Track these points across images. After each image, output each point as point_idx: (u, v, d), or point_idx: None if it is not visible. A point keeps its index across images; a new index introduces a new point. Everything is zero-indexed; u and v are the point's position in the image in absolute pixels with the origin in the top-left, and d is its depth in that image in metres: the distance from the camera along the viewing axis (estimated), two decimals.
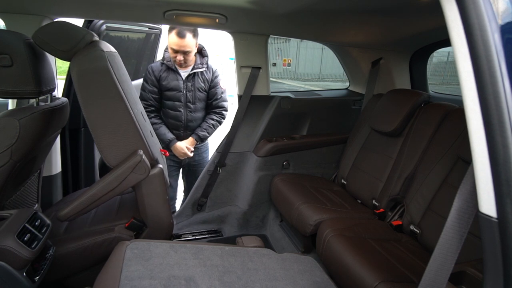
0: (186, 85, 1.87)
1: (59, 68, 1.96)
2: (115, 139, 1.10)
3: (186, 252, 0.98)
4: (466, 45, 0.52)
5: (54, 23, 1.17)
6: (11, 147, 0.98)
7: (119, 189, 1.12)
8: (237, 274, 0.92)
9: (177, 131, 1.92)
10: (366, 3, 1.29)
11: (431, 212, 1.28)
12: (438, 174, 1.32)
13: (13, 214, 0.94)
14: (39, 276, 0.93)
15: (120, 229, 1.22)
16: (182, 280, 0.85)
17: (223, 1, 1.31)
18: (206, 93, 1.94)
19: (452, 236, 0.59)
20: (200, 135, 1.93)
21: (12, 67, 1.00)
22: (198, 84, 1.90)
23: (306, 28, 1.71)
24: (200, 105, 1.93)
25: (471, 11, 0.50)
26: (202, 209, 2.00)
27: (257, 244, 1.15)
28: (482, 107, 0.51)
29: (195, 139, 1.94)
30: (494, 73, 0.50)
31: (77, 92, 1.06)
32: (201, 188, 1.97)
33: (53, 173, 1.60)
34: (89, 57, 1.07)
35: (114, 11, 1.46)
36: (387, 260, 1.15)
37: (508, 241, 0.50)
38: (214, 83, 1.94)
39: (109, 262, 0.90)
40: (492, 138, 0.50)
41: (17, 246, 0.84)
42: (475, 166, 0.53)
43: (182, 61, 1.80)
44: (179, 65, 1.84)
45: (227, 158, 1.95)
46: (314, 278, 0.98)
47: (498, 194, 0.50)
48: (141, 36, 2.39)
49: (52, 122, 1.18)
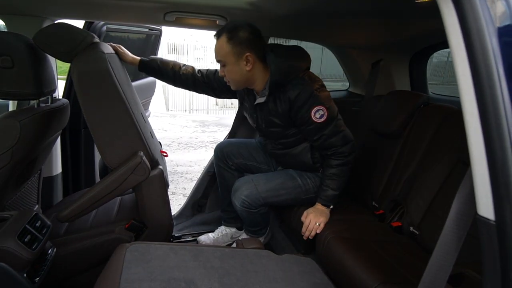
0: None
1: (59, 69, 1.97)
2: (115, 140, 1.11)
3: (185, 254, 0.98)
4: (464, 48, 0.52)
5: (55, 24, 1.17)
6: (11, 148, 0.98)
7: (119, 190, 1.12)
8: (236, 276, 0.92)
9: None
10: (365, 5, 1.30)
11: (431, 214, 1.29)
12: (437, 175, 1.32)
13: (13, 215, 0.94)
14: (39, 277, 0.93)
15: (120, 230, 1.22)
16: (182, 283, 0.85)
17: (223, 3, 1.32)
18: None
19: (451, 238, 0.59)
20: None
21: (13, 68, 1.01)
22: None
23: (306, 29, 1.71)
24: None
25: (469, 15, 0.51)
26: (202, 210, 2.00)
27: (257, 246, 1.15)
28: (480, 110, 0.51)
29: None
30: (491, 76, 0.50)
31: (78, 94, 1.07)
32: (201, 189, 1.97)
33: (53, 174, 1.60)
34: (89, 58, 1.08)
35: (115, 12, 1.46)
36: (387, 261, 1.15)
37: (506, 244, 0.50)
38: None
39: (109, 264, 0.90)
40: (490, 141, 0.51)
41: (17, 247, 0.84)
42: (473, 169, 0.53)
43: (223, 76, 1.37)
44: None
45: None
46: (314, 280, 0.98)
47: (496, 196, 0.50)
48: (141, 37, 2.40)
49: (52, 123, 1.19)
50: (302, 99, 1.30)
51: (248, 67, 1.30)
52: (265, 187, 1.45)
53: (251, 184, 1.44)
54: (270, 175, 1.53)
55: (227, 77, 1.34)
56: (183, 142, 5.10)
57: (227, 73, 1.33)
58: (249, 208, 1.45)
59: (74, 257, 1.17)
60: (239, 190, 1.45)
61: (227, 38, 1.26)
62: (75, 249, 1.17)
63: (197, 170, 3.71)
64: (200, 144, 5.06)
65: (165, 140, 4.97)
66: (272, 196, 1.45)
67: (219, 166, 1.68)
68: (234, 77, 1.33)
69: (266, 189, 1.44)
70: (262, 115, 1.43)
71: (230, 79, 1.35)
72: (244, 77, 1.34)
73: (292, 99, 1.31)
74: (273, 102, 1.36)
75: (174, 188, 3.20)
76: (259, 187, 1.44)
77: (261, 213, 1.50)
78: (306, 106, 1.30)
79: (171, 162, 3.92)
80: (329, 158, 1.39)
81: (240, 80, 1.35)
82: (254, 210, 1.46)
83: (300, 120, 1.34)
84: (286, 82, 1.32)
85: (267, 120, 1.42)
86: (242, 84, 1.38)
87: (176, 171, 3.71)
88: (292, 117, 1.35)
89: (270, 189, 1.45)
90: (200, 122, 6.69)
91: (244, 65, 1.29)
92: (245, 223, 1.59)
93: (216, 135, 5.70)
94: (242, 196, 1.43)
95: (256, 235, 1.62)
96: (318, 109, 1.30)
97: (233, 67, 1.30)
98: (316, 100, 1.30)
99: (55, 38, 1.09)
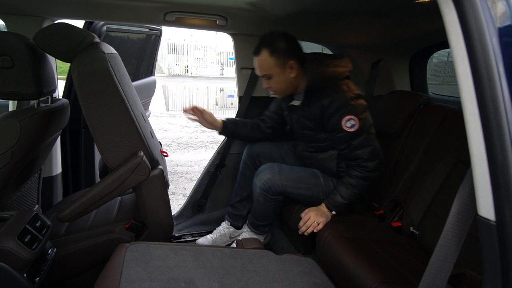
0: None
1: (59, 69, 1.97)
2: (115, 140, 1.10)
3: (185, 254, 0.98)
4: (464, 48, 0.52)
5: (55, 24, 1.17)
6: (11, 148, 0.98)
7: (120, 190, 1.12)
8: (236, 276, 0.92)
9: None
10: (365, 5, 1.30)
11: (431, 214, 1.29)
12: (437, 175, 1.32)
13: (13, 215, 0.94)
14: (40, 277, 0.93)
15: (120, 230, 1.22)
16: (182, 283, 0.85)
17: (223, 3, 1.32)
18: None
19: (451, 238, 0.59)
20: None
21: (13, 68, 1.01)
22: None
23: (306, 29, 1.71)
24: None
25: (470, 15, 0.51)
26: (202, 210, 2.00)
27: (257, 246, 1.15)
28: (481, 110, 0.51)
29: None
30: (492, 76, 0.50)
31: (78, 94, 1.06)
32: (201, 189, 1.97)
33: (53, 174, 1.60)
34: (90, 58, 1.07)
35: (115, 12, 1.46)
36: (387, 261, 1.15)
37: (506, 244, 0.50)
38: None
39: (109, 264, 0.90)
40: (491, 141, 0.51)
41: (17, 247, 0.84)
42: (474, 169, 0.53)
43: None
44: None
45: (227, 159, 1.95)
46: (314, 280, 0.98)
47: (497, 197, 0.50)
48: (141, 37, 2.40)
49: (52, 123, 1.19)
50: (334, 107, 1.32)
51: (293, 73, 1.35)
52: (287, 176, 1.46)
53: (275, 170, 1.47)
54: (295, 168, 1.55)
55: (273, 88, 1.39)
56: (183, 142, 5.10)
57: (274, 84, 1.37)
58: (267, 193, 1.46)
59: (74, 257, 1.17)
60: (262, 172, 1.48)
61: (269, 52, 1.31)
62: (75, 249, 1.17)
63: (197, 170, 3.71)
64: (200, 144, 5.06)
65: (165, 140, 4.97)
66: (291, 187, 1.46)
67: (246, 164, 1.68)
68: (280, 86, 1.39)
69: (287, 178, 1.46)
70: (296, 117, 1.48)
71: (277, 89, 1.40)
72: (290, 85, 1.39)
73: (325, 105, 1.33)
74: (307, 106, 1.40)
75: (174, 188, 3.20)
76: (282, 174, 1.46)
77: (275, 203, 1.50)
78: (338, 115, 1.32)
79: (171, 162, 3.92)
80: (352, 168, 1.39)
81: (287, 88, 1.40)
82: (272, 197, 1.47)
83: (331, 126, 1.37)
84: (321, 89, 1.35)
85: (301, 122, 1.46)
86: (288, 91, 1.43)
87: (176, 171, 3.71)
88: (324, 123, 1.38)
89: (291, 179, 1.47)
90: None
91: (289, 73, 1.35)
92: (254, 214, 1.59)
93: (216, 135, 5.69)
94: (264, 178, 1.45)
95: (258, 231, 1.62)
96: (349, 119, 1.32)
97: (279, 78, 1.35)
98: (349, 109, 1.32)
99: (55, 38, 1.08)
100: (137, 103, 1.31)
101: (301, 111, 1.44)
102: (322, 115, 1.36)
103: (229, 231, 1.71)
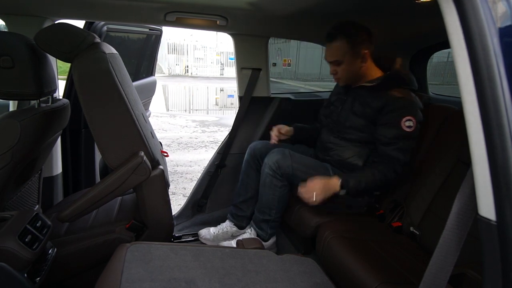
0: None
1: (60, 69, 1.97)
2: (116, 141, 1.10)
3: (186, 254, 0.98)
4: (465, 48, 0.52)
5: (56, 24, 1.17)
6: (12, 148, 0.98)
7: (120, 190, 1.12)
8: (237, 276, 0.92)
9: None
10: (365, 5, 1.30)
11: (431, 214, 1.29)
12: (438, 176, 1.32)
13: (14, 215, 0.94)
14: (40, 277, 0.93)
15: (120, 230, 1.22)
16: (183, 283, 0.86)
17: (223, 3, 1.32)
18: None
19: (451, 238, 0.59)
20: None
21: (14, 68, 1.01)
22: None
23: (306, 30, 1.71)
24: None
25: (470, 15, 0.51)
26: (202, 210, 2.00)
27: (257, 246, 1.15)
28: (481, 110, 0.51)
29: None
30: (493, 77, 0.50)
31: (79, 94, 1.06)
32: (201, 189, 1.97)
33: (53, 174, 1.60)
34: (90, 59, 1.07)
35: (115, 13, 1.46)
36: (387, 261, 1.15)
37: (507, 244, 0.50)
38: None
39: (109, 264, 0.90)
40: (491, 141, 0.51)
41: (18, 247, 0.84)
42: (474, 169, 0.53)
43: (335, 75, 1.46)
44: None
45: (227, 159, 1.95)
46: (314, 280, 0.98)
47: (497, 197, 0.50)
48: (141, 37, 2.40)
49: (53, 123, 1.19)
50: (400, 105, 1.33)
51: (364, 63, 1.38)
52: (298, 160, 1.47)
53: (286, 153, 1.46)
54: (305, 156, 1.55)
55: (340, 74, 1.41)
56: (183, 142, 5.10)
57: (341, 71, 1.40)
58: (275, 174, 1.45)
59: (74, 257, 1.17)
60: (274, 153, 1.47)
61: (347, 39, 1.33)
62: (75, 249, 1.17)
63: (197, 170, 3.71)
64: (200, 144, 5.06)
65: (165, 140, 4.97)
66: (301, 172, 1.44)
67: (248, 163, 1.68)
68: (347, 74, 1.41)
69: (298, 162, 1.46)
70: (351, 101, 1.46)
71: (342, 76, 1.42)
72: (356, 73, 1.41)
73: (391, 99, 1.33)
74: (371, 93, 1.39)
75: (174, 188, 3.20)
76: (293, 158, 1.46)
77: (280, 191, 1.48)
78: (400, 112, 1.32)
79: (171, 162, 3.92)
80: (382, 164, 1.35)
81: (352, 76, 1.42)
82: (279, 179, 1.45)
83: (385, 120, 1.35)
84: (396, 86, 1.37)
85: (353, 108, 1.44)
86: (352, 80, 1.44)
87: (176, 171, 3.71)
88: (378, 115, 1.37)
89: (302, 163, 1.46)
90: (200, 122, 6.68)
91: (360, 62, 1.38)
92: (259, 205, 1.57)
93: (216, 135, 5.70)
94: (274, 159, 1.45)
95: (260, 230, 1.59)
96: (409, 119, 1.31)
97: (349, 66, 1.38)
98: (413, 111, 1.33)
99: (56, 38, 1.08)
100: (137, 103, 1.31)
101: (360, 97, 1.42)
102: (383, 107, 1.35)
103: (232, 230, 1.71)
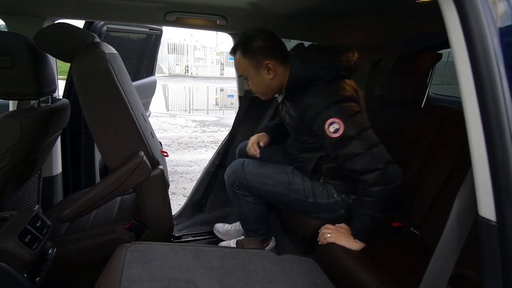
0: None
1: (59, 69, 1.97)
2: (116, 141, 1.10)
3: (186, 254, 0.98)
4: (465, 49, 0.52)
5: (55, 24, 1.17)
6: (12, 148, 0.98)
7: (120, 190, 1.12)
8: (237, 276, 0.92)
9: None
10: (365, 5, 1.30)
11: (431, 214, 1.29)
12: (438, 176, 1.32)
13: (14, 215, 0.94)
14: (40, 277, 0.93)
15: (120, 230, 1.22)
16: (182, 283, 0.85)
17: (223, 3, 1.32)
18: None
19: (451, 238, 0.59)
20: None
21: (13, 68, 1.01)
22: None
23: (306, 29, 1.71)
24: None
25: (471, 15, 0.51)
26: (202, 210, 2.00)
27: (257, 246, 1.15)
28: (481, 110, 0.51)
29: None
30: (493, 77, 0.50)
31: (78, 94, 1.07)
32: (201, 189, 1.97)
33: (53, 174, 1.60)
34: (90, 58, 1.07)
35: (115, 13, 1.46)
36: (387, 262, 1.15)
37: (507, 245, 0.50)
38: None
39: (109, 264, 0.90)
40: (491, 141, 0.51)
41: (18, 247, 0.84)
42: (474, 170, 0.53)
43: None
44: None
45: (227, 159, 1.95)
46: (314, 280, 0.98)
47: (497, 197, 0.50)
48: (141, 37, 2.40)
49: (53, 123, 1.19)
50: (315, 110, 1.18)
51: (271, 75, 1.24)
52: (251, 170, 1.43)
53: (240, 163, 1.47)
54: (264, 164, 1.47)
55: (253, 90, 1.31)
56: (183, 142, 5.10)
57: (253, 86, 1.29)
58: (233, 186, 1.47)
59: (74, 257, 1.17)
60: (230, 166, 1.51)
61: (242, 52, 1.22)
62: (75, 249, 1.17)
63: (197, 170, 3.71)
64: (200, 144, 5.06)
65: (165, 140, 4.97)
66: (256, 182, 1.42)
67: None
68: (260, 88, 1.30)
69: (251, 172, 1.43)
70: (285, 114, 1.40)
71: (256, 91, 1.31)
72: (269, 86, 1.28)
73: (304, 108, 1.20)
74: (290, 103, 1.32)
75: (174, 188, 3.20)
76: (246, 168, 1.44)
77: (246, 204, 1.47)
78: (320, 117, 1.17)
79: (171, 162, 3.92)
80: (357, 185, 1.18)
81: (267, 90, 1.30)
82: (238, 192, 1.46)
83: (316, 131, 1.21)
84: (303, 88, 1.22)
85: (287, 121, 1.39)
86: (270, 93, 1.33)
87: (176, 171, 3.71)
88: (307, 126, 1.24)
89: (256, 174, 1.43)
90: (200, 122, 6.68)
91: (266, 74, 1.24)
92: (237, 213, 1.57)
93: (216, 135, 5.70)
94: (230, 171, 1.48)
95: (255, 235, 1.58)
96: (332, 122, 1.14)
97: (256, 79, 1.26)
98: (332, 112, 1.15)
99: (56, 38, 1.08)
100: (137, 103, 1.31)
101: (287, 109, 1.34)
102: (302, 116, 1.23)
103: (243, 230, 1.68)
